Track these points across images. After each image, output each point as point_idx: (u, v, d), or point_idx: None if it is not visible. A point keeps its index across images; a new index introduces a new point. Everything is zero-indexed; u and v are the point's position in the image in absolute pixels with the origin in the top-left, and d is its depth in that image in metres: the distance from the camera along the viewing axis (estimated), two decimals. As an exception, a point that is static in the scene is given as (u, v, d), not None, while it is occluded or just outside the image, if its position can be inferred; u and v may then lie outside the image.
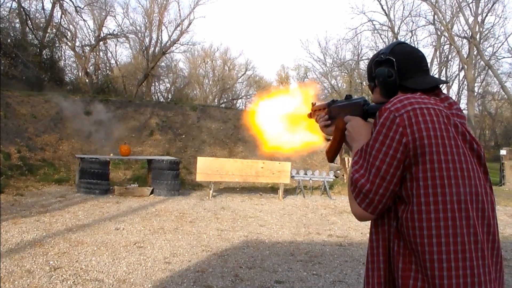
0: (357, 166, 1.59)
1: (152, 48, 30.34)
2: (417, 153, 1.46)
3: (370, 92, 1.87)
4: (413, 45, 1.82)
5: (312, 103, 2.19)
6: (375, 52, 1.88)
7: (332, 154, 1.98)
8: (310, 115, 2.21)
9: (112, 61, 33.81)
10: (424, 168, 1.47)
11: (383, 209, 1.56)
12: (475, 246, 1.45)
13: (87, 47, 28.77)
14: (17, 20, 23.11)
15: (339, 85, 37.85)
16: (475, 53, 26.36)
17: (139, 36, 30.74)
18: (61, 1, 24.31)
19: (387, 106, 1.54)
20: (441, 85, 1.77)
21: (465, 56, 27.16)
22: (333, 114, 1.94)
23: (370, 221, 1.66)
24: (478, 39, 25.44)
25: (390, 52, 1.71)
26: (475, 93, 30.44)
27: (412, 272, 1.48)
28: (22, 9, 22.65)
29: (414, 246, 1.48)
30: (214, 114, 19.19)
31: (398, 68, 1.67)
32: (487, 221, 1.52)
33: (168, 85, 39.35)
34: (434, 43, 30.75)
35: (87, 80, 26.42)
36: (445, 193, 1.45)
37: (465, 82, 30.33)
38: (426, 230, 1.45)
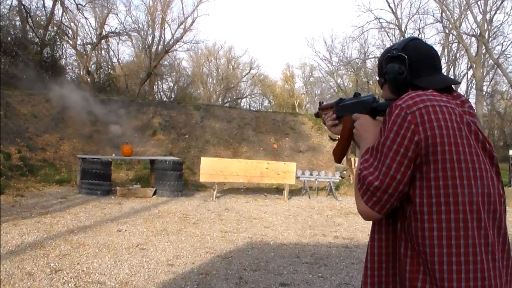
0: (366, 164, 1.53)
1: (155, 47, 30.30)
2: (428, 152, 1.42)
3: (376, 91, 1.78)
4: (427, 42, 1.75)
5: (319, 102, 2.13)
6: (383, 50, 1.78)
7: (339, 154, 1.93)
8: (317, 115, 2.14)
9: (114, 60, 33.83)
10: (435, 168, 1.41)
11: (390, 209, 1.51)
12: (485, 249, 1.41)
13: (88, 45, 28.73)
14: (18, 18, 23.07)
15: (345, 84, 37.79)
16: (483, 51, 26.11)
17: (142, 34, 30.78)
18: (62, -1, 24.26)
19: (398, 103, 1.49)
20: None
21: (474, 54, 26.99)
22: (341, 113, 1.89)
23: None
24: (486, 37, 25.30)
25: (402, 48, 1.65)
26: (484, 92, 30.29)
27: (420, 274, 1.44)
28: (22, 7, 22.60)
29: (422, 248, 1.43)
30: (218, 113, 19.16)
31: (409, 66, 1.62)
32: (498, 223, 1.48)
33: (171, 84, 39.40)
34: (442, 41, 30.66)
35: (88, 79, 26.35)
36: (457, 194, 1.40)
37: (474, 81, 30.12)
38: (436, 231, 1.40)
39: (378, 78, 1.81)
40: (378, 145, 1.52)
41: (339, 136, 1.91)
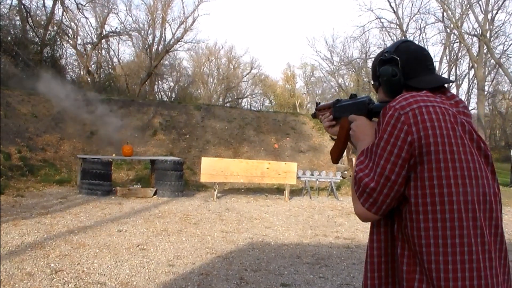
0: (362, 166, 1.55)
1: (156, 46, 30.28)
2: (422, 152, 1.43)
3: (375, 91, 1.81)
4: (418, 44, 1.79)
5: (316, 103, 2.15)
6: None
7: (336, 155, 1.95)
8: (314, 115, 2.16)
9: (115, 60, 33.83)
10: (429, 168, 1.43)
11: (387, 210, 1.51)
12: (482, 248, 1.41)
13: (89, 45, 28.69)
14: (18, 18, 23.02)
15: (347, 83, 37.77)
16: (485, 51, 26.07)
17: (142, 33, 30.73)
18: (62, -2, 24.20)
19: (392, 104, 1.52)
20: (447, 84, 1.73)
21: (475, 54, 26.94)
22: (337, 114, 1.91)
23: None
24: (488, 37, 25.27)
25: (394, 50, 1.68)
26: (485, 92, 30.25)
27: (417, 274, 1.45)
28: (22, 6, 22.56)
29: (418, 248, 1.44)
30: (219, 113, 19.14)
31: (402, 67, 1.64)
32: (494, 222, 1.49)
33: (172, 84, 39.37)
34: (443, 41, 30.64)
35: (89, 79, 26.31)
36: (452, 193, 1.41)
37: (475, 81, 30.13)
38: (432, 230, 1.41)
39: (372, 83, 1.83)
40: (372, 146, 1.53)
41: (336, 137, 1.93)
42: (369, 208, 1.50)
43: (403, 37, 26.34)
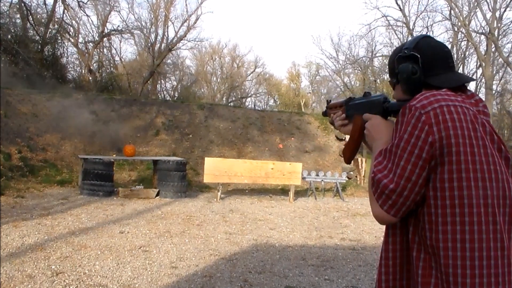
0: (380, 166, 1.50)
1: (158, 45, 30.16)
2: (443, 153, 1.39)
3: (383, 90, 1.69)
4: (438, 40, 1.71)
5: (327, 101, 2.09)
6: (390, 48, 1.70)
7: (349, 155, 1.90)
8: (325, 113, 2.09)
9: (117, 58, 33.62)
10: (450, 169, 1.39)
11: (406, 212, 1.47)
12: (501, 253, 1.38)
13: (90, 43, 28.54)
14: (18, 16, 22.95)
15: (352, 83, 37.60)
16: (493, 49, 25.95)
17: (145, 32, 30.59)
18: (63, -4, 24.15)
19: (413, 103, 1.47)
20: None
21: (483, 53, 26.79)
22: (351, 112, 1.85)
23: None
24: (496, 35, 25.14)
25: (414, 47, 1.62)
26: (493, 91, 30.07)
27: (433, 278, 1.42)
28: (23, 4, 22.46)
29: (435, 251, 1.41)
30: (222, 113, 19.12)
31: (422, 65, 1.59)
32: None
33: (175, 83, 39.31)
34: (450, 39, 30.47)
35: (90, 78, 26.28)
36: (472, 196, 1.37)
37: (483, 80, 29.92)
38: (450, 234, 1.38)
39: (389, 79, 1.78)
40: (392, 147, 1.48)
41: (346, 136, 1.88)
42: (388, 210, 1.46)
43: (410, 36, 26.21)
